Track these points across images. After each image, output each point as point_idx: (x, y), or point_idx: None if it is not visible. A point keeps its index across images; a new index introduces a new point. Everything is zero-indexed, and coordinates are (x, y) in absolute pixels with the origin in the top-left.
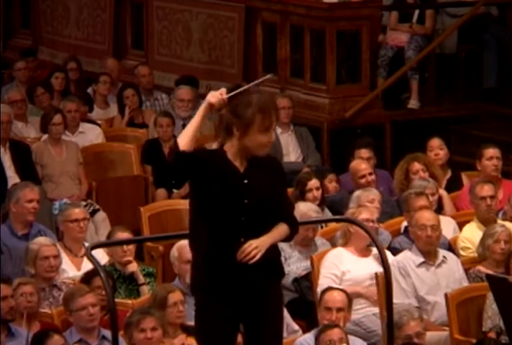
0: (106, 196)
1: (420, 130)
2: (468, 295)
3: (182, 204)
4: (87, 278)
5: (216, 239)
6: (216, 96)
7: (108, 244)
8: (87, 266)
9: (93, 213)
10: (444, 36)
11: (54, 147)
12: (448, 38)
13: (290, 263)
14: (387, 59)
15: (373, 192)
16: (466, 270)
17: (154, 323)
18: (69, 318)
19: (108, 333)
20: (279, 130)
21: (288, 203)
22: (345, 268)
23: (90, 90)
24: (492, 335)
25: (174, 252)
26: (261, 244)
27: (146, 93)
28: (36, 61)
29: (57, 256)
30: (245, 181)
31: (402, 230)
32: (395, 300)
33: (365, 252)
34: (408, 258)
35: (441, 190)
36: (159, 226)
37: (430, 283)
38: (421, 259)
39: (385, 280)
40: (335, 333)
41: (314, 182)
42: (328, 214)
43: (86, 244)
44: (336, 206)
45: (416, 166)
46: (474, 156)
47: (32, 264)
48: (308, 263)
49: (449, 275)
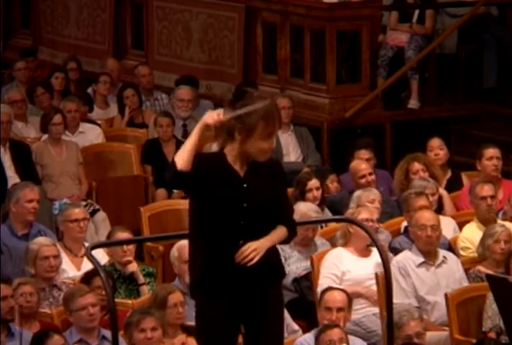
0: (106, 196)
1: (420, 130)
2: (468, 295)
3: (182, 204)
4: (87, 278)
5: (216, 242)
6: (213, 118)
7: (108, 244)
8: (87, 266)
9: (93, 213)
10: (444, 36)
11: (54, 147)
12: (448, 38)
13: (290, 263)
14: (387, 59)
15: (373, 192)
16: (466, 270)
17: (154, 323)
18: (69, 318)
19: (108, 333)
20: (279, 130)
21: (288, 206)
22: (345, 268)
23: (90, 90)
24: (492, 335)
25: (174, 252)
26: (260, 246)
27: (146, 93)
28: (36, 61)
29: (57, 256)
30: (244, 185)
31: (402, 230)
32: (395, 300)
33: (365, 252)
34: (408, 258)
35: (441, 190)
36: (159, 226)
37: (430, 283)
38: (421, 259)
39: (385, 280)
40: (335, 333)
41: (314, 182)
42: (328, 214)
43: (86, 244)
44: (336, 206)
45: (416, 166)
46: (474, 156)
47: (32, 264)
48: (308, 263)
49: (449, 275)
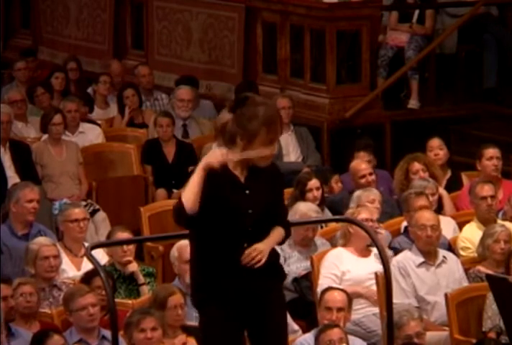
0: (106, 196)
1: (420, 130)
2: (468, 295)
3: None
4: (87, 278)
5: (224, 249)
6: (217, 158)
7: (108, 244)
8: (87, 266)
9: (93, 213)
10: (444, 36)
11: (54, 147)
12: (448, 38)
13: (290, 263)
14: (387, 59)
15: (373, 192)
16: (466, 270)
17: (154, 323)
18: (69, 318)
19: (108, 333)
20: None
21: (284, 207)
22: (345, 268)
23: (90, 90)
24: (492, 335)
25: (174, 252)
26: (265, 248)
27: (146, 93)
28: (36, 61)
29: (57, 256)
30: (247, 191)
31: (402, 230)
32: (395, 300)
33: (365, 252)
34: (408, 258)
35: (441, 190)
36: (159, 226)
37: (430, 283)
38: (421, 259)
39: (385, 280)
40: (335, 333)
41: (314, 182)
42: (328, 214)
43: (86, 244)
44: (336, 206)
45: (416, 166)
46: (474, 156)
47: (32, 264)
48: (308, 263)
49: (449, 275)
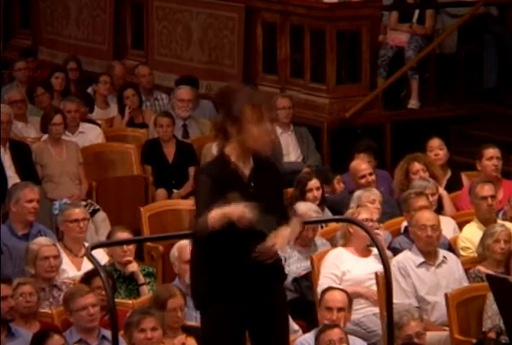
0: (106, 196)
1: (420, 130)
2: (468, 295)
3: (182, 204)
4: (87, 278)
5: (230, 246)
6: (244, 214)
7: (108, 244)
8: (87, 266)
9: (93, 213)
10: (444, 36)
11: (54, 147)
12: (448, 38)
13: (290, 263)
14: (387, 59)
15: (374, 192)
16: (466, 270)
17: (154, 323)
18: (69, 318)
19: (108, 333)
20: (279, 130)
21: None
22: (345, 268)
23: (90, 90)
24: (492, 335)
25: (174, 252)
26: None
27: (146, 93)
28: (36, 61)
29: (57, 256)
30: (252, 184)
31: (402, 230)
32: (395, 300)
33: (365, 252)
34: (408, 258)
35: (441, 190)
36: (159, 226)
37: (430, 283)
38: (421, 259)
39: (385, 280)
40: (335, 333)
41: (314, 182)
42: (328, 214)
43: (86, 244)
44: (336, 206)
45: (416, 166)
46: (474, 156)
47: (32, 264)
48: (308, 263)
49: (449, 275)
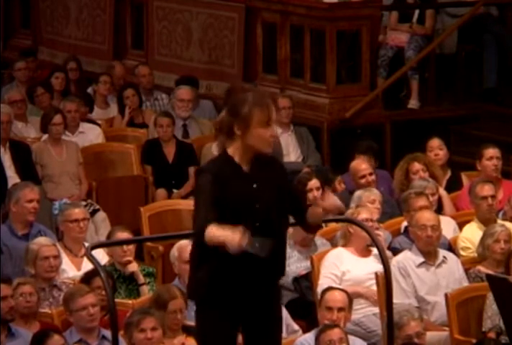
0: (106, 196)
1: (420, 130)
2: (468, 295)
3: (182, 204)
4: (87, 278)
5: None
6: (234, 246)
7: (108, 244)
8: (87, 266)
9: (93, 213)
10: (444, 36)
11: (54, 147)
12: (448, 38)
13: (290, 263)
14: (387, 59)
15: (374, 192)
16: (466, 270)
17: (154, 323)
18: (69, 318)
19: (108, 333)
20: (279, 130)
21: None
22: (345, 268)
23: (90, 90)
24: (492, 335)
25: (174, 252)
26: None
27: (146, 93)
28: (36, 61)
29: (57, 256)
30: (254, 185)
31: (402, 230)
32: (395, 300)
33: (365, 252)
34: (408, 258)
35: (440, 190)
36: (159, 226)
37: (430, 283)
38: (421, 259)
39: (385, 280)
40: (335, 333)
41: (314, 182)
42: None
43: (86, 244)
44: None
45: (416, 166)
46: (474, 156)
47: (32, 264)
48: (308, 263)
49: (449, 275)
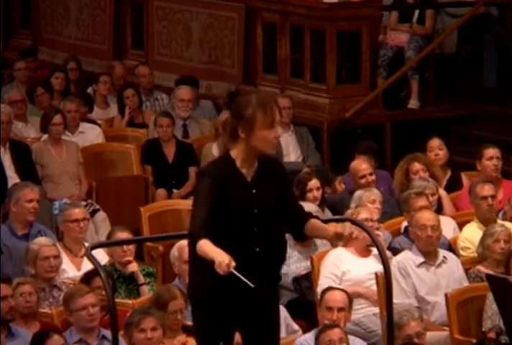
0: (106, 196)
1: (420, 130)
2: (468, 295)
3: (182, 204)
4: (87, 278)
5: (231, 251)
6: (223, 268)
7: (108, 244)
8: (87, 266)
9: (93, 213)
10: (444, 36)
11: (54, 147)
12: (448, 38)
13: (290, 263)
14: (387, 59)
15: (374, 192)
16: (466, 270)
17: (154, 323)
18: (69, 318)
19: (108, 333)
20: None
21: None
22: (345, 268)
23: (90, 90)
24: (492, 335)
25: (174, 252)
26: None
27: (146, 93)
28: (36, 61)
29: (57, 256)
30: (253, 191)
31: (402, 230)
32: (395, 300)
33: (365, 252)
34: (408, 258)
35: (440, 190)
36: (159, 226)
37: (430, 283)
38: (421, 259)
39: (385, 280)
40: (335, 333)
41: (314, 182)
42: (328, 214)
43: (86, 244)
44: (336, 206)
45: (416, 166)
46: (474, 156)
47: (32, 265)
48: (308, 263)
49: (449, 275)
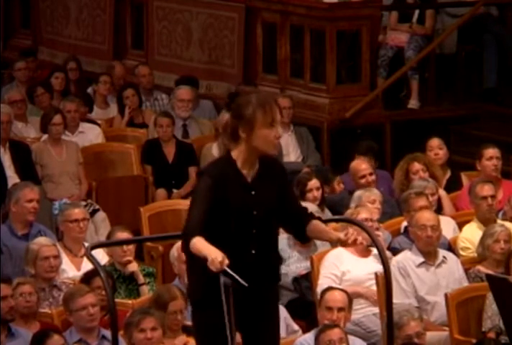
0: (106, 196)
1: (420, 130)
2: (468, 295)
3: (182, 204)
4: (87, 278)
5: (229, 252)
6: (216, 265)
7: (108, 244)
8: (87, 266)
9: (93, 213)
10: (444, 36)
11: (54, 147)
12: (448, 38)
13: (290, 263)
14: (387, 59)
15: (374, 192)
16: (466, 270)
17: (154, 323)
18: (69, 318)
19: (108, 333)
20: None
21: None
22: (345, 268)
23: (90, 90)
24: (491, 335)
25: (174, 252)
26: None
27: (146, 93)
28: (36, 61)
29: (57, 256)
30: (253, 192)
31: (402, 230)
32: (395, 300)
33: (365, 252)
34: (408, 258)
35: (440, 190)
36: (159, 226)
37: (430, 283)
38: (421, 259)
39: (385, 280)
40: (335, 333)
41: (314, 182)
42: (328, 214)
43: (86, 244)
44: (336, 206)
45: (416, 166)
46: (474, 156)
47: (32, 265)
48: (308, 263)
49: (449, 275)
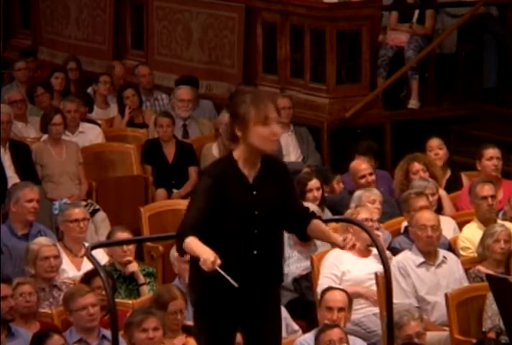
0: (106, 196)
1: (420, 130)
2: (468, 295)
3: (182, 204)
4: (87, 278)
5: (231, 252)
6: (208, 265)
7: (108, 244)
8: (87, 266)
9: (93, 213)
10: (444, 36)
11: (54, 147)
12: (448, 38)
13: (290, 263)
14: (387, 59)
15: (374, 192)
16: (466, 270)
17: (156, 323)
18: (69, 318)
19: (108, 333)
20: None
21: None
22: (345, 268)
23: (90, 90)
24: (492, 335)
25: (174, 252)
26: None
27: (146, 93)
28: (36, 61)
29: (57, 256)
30: (254, 192)
31: (402, 230)
32: (395, 300)
33: (365, 252)
34: (408, 258)
35: (440, 190)
36: (159, 226)
37: (430, 283)
38: (421, 259)
39: (385, 280)
40: (335, 333)
41: (314, 182)
42: (328, 214)
43: (86, 244)
44: (336, 206)
45: (416, 166)
46: (474, 156)
47: (32, 265)
48: (308, 263)
49: (449, 275)
